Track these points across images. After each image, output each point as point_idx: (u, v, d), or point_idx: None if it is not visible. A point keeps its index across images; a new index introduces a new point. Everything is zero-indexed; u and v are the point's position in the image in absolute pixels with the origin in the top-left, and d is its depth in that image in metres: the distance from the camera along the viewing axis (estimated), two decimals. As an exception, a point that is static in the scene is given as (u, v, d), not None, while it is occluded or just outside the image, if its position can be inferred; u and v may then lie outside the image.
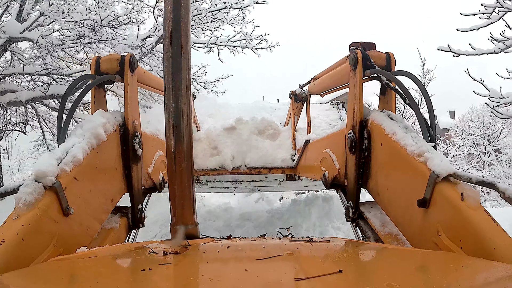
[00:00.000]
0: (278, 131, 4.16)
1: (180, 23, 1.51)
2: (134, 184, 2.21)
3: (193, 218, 1.53)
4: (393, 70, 2.19)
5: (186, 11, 1.53)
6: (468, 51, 5.69)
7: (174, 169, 1.49)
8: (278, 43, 9.00)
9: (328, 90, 3.09)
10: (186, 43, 1.51)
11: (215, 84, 9.79)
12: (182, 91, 1.51)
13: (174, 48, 1.50)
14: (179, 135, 1.50)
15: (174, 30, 1.51)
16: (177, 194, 1.50)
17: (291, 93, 4.12)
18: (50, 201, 1.44)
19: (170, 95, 1.50)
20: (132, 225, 2.23)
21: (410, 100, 1.96)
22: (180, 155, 1.49)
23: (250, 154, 3.92)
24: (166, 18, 1.53)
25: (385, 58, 2.20)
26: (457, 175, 1.47)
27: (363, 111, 2.16)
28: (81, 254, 1.36)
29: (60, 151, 1.68)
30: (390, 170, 1.92)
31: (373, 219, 1.99)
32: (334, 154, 2.58)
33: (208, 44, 8.73)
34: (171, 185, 1.51)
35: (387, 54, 2.22)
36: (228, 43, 8.79)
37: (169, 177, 1.52)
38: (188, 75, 1.53)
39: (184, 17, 1.52)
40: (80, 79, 2.36)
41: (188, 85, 1.53)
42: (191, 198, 1.52)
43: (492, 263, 1.14)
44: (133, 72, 2.32)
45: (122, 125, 2.20)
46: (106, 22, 6.96)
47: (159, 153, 2.71)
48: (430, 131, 1.83)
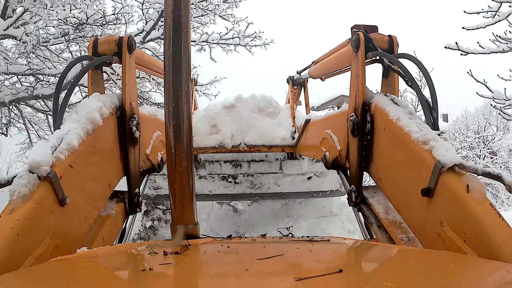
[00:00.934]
0: (278, 109, 4.10)
1: (180, 23, 1.51)
2: (131, 168, 2.19)
3: (193, 218, 1.53)
4: (396, 53, 2.14)
5: (186, 11, 1.53)
6: (476, 50, 5.54)
7: (174, 169, 1.49)
8: (273, 40, 8.76)
9: (329, 73, 3.05)
10: (186, 44, 1.51)
11: (207, 87, 9.53)
12: (182, 91, 1.50)
13: (175, 49, 1.50)
14: (179, 134, 1.49)
15: (175, 30, 1.51)
16: (177, 194, 1.50)
17: (289, 78, 4.12)
18: (45, 192, 1.41)
19: (170, 95, 1.50)
20: (129, 210, 2.21)
21: (412, 83, 1.93)
22: (180, 155, 1.49)
23: (250, 132, 3.86)
24: (166, 19, 1.53)
25: (387, 41, 2.15)
26: (463, 166, 1.44)
27: (365, 93, 2.10)
28: (81, 254, 1.36)
29: (55, 138, 1.65)
30: (393, 156, 1.88)
31: (376, 205, 1.97)
32: (336, 135, 2.55)
33: (199, 42, 8.45)
34: (171, 185, 1.51)
35: (390, 37, 2.16)
36: (220, 40, 8.50)
37: (169, 177, 1.52)
38: (188, 75, 1.53)
39: (185, 17, 1.52)
40: (77, 60, 2.32)
41: (188, 85, 1.53)
42: (191, 198, 1.52)
43: (493, 263, 1.13)
44: (131, 54, 2.28)
45: (119, 108, 2.15)
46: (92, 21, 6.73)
47: (158, 133, 2.68)
48: (433, 113, 1.80)
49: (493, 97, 5.95)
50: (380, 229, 1.90)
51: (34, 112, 8.57)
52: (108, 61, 2.25)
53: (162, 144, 2.71)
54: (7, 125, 8.34)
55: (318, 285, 0.96)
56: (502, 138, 20.15)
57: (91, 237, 1.75)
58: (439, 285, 0.97)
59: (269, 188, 4.30)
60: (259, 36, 8.58)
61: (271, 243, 1.46)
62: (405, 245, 1.62)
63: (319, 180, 4.38)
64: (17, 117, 8.43)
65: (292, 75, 4.19)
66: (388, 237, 1.81)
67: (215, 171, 4.14)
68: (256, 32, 8.55)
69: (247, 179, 4.26)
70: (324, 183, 4.42)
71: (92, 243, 1.73)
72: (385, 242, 1.80)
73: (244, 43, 8.65)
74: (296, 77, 4.08)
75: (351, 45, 2.17)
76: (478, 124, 20.99)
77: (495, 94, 5.91)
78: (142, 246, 1.41)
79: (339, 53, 2.56)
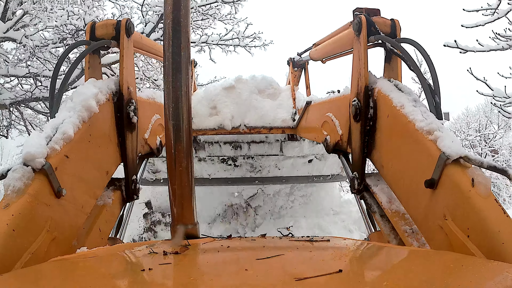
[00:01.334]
0: (278, 91, 4.02)
1: (180, 23, 1.50)
2: (128, 154, 2.16)
3: (193, 218, 1.53)
4: (399, 37, 2.09)
5: (186, 11, 1.51)
6: (476, 48, 5.46)
7: (174, 168, 1.49)
8: (272, 41, 8.65)
9: (330, 56, 2.99)
10: (186, 44, 1.51)
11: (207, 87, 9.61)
12: (182, 91, 1.50)
13: (174, 48, 1.50)
14: (179, 134, 1.49)
15: (174, 30, 1.50)
16: (177, 193, 1.49)
17: (289, 60, 4.03)
18: (41, 185, 1.39)
19: (170, 95, 1.50)
20: (127, 197, 2.20)
21: (414, 67, 1.90)
22: (180, 155, 1.49)
23: (250, 113, 3.80)
24: (166, 18, 1.52)
25: (390, 25, 2.09)
26: (468, 158, 1.40)
27: (368, 77, 2.05)
28: (81, 254, 1.36)
29: (50, 128, 1.62)
30: (396, 144, 1.85)
31: (379, 194, 1.94)
32: (337, 119, 2.51)
33: (198, 43, 8.35)
34: (171, 185, 1.51)
35: (392, 21, 2.10)
36: (220, 41, 8.42)
37: (169, 176, 1.52)
38: (188, 75, 1.52)
39: (184, 17, 1.51)
40: (74, 45, 2.30)
41: (188, 85, 1.52)
42: (190, 198, 1.52)
43: (493, 263, 1.12)
44: (129, 37, 2.25)
45: (116, 93, 2.12)
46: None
47: (156, 117, 2.65)
48: (436, 98, 1.78)
49: (493, 95, 5.93)
50: (383, 218, 1.88)
51: (35, 114, 8.54)
52: (106, 46, 2.22)
53: (161, 127, 2.68)
54: (8, 127, 8.37)
55: (318, 285, 0.96)
56: (503, 136, 20.13)
57: (87, 228, 1.75)
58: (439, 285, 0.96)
59: (269, 172, 4.26)
60: (259, 37, 8.56)
61: (271, 243, 1.45)
62: (409, 238, 1.61)
63: (320, 164, 4.32)
64: (18, 119, 8.41)
65: (292, 57, 4.09)
66: (391, 227, 1.80)
67: (215, 153, 4.10)
68: (256, 33, 8.53)
69: (247, 162, 4.22)
70: (325, 167, 4.37)
71: (88, 234, 1.73)
72: (388, 233, 1.79)
73: (243, 44, 8.61)
74: (296, 59, 3.99)
75: (353, 28, 2.11)
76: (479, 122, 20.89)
77: (495, 92, 5.89)
78: (142, 246, 1.41)
79: (340, 36, 2.49)
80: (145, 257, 1.25)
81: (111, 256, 1.38)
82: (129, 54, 2.25)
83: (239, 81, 3.93)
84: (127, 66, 2.19)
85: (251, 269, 1.12)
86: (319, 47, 3.17)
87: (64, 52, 2.16)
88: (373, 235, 2.04)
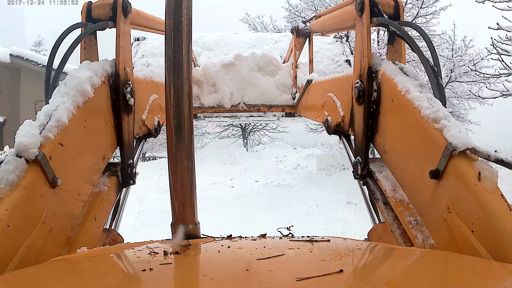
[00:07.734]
0: (278, 68, 3.91)
1: (181, 22, 1.46)
2: (124, 137, 2.12)
3: (194, 218, 1.51)
4: (402, 18, 2.03)
5: (187, 10, 1.47)
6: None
7: (175, 168, 1.46)
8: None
9: (330, 30, 2.95)
10: (187, 43, 1.47)
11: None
12: (184, 90, 1.46)
13: (176, 48, 1.46)
14: (180, 134, 1.46)
15: (176, 29, 1.46)
16: (177, 193, 1.47)
17: (293, 28, 3.85)
18: (35, 176, 1.35)
19: (171, 95, 1.46)
20: (123, 183, 2.17)
21: (416, 48, 1.85)
22: (181, 155, 1.46)
23: (249, 91, 3.73)
24: (167, 17, 1.47)
25: (393, 6, 2.01)
26: (475, 150, 1.35)
27: (371, 58, 1.97)
28: (81, 254, 1.35)
29: (43, 116, 1.56)
30: (400, 130, 1.79)
31: (383, 181, 1.89)
32: (339, 100, 2.44)
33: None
34: (172, 184, 1.48)
35: (396, 2, 2.02)
36: None
37: (170, 176, 1.49)
38: (190, 74, 1.48)
39: (186, 16, 1.46)
40: (71, 28, 2.19)
41: (190, 84, 1.48)
42: (191, 198, 1.49)
43: (494, 263, 1.10)
44: (126, 17, 2.18)
45: (112, 75, 2.05)
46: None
47: (154, 96, 2.58)
48: (439, 79, 1.75)
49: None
50: (386, 206, 1.85)
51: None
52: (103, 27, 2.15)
53: (159, 107, 2.63)
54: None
55: (319, 285, 0.95)
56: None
57: (81, 218, 1.72)
58: (439, 285, 0.96)
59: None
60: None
61: (271, 243, 1.44)
62: (413, 229, 1.59)
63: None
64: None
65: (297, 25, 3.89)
66: (394, 215, 1.78)
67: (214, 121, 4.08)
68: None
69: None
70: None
71: (84, 224, 1.70)
72: (391, 222, 1.77)
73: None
74: (301, 26, 3.79)
75: (355, 8, 2.03)
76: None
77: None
78: (142, 246, 1.40)
79: (342, 12, 2.41)
80: (146, 257, 1.25)
81: (111, 256, 1.37)
82: (126, 34, 2.18)
83: (239, 58, 3.84)
84: (123, 46, 2.12)
85: (252, 269, 1.12)
86: (319, 20, 3.09)
87: (60, 35, 2.06)
88: (377, 228, 2.02)
